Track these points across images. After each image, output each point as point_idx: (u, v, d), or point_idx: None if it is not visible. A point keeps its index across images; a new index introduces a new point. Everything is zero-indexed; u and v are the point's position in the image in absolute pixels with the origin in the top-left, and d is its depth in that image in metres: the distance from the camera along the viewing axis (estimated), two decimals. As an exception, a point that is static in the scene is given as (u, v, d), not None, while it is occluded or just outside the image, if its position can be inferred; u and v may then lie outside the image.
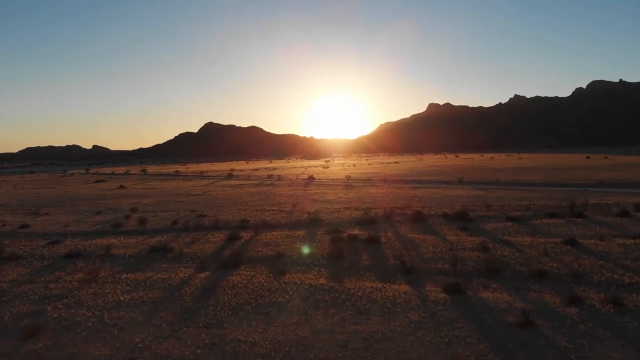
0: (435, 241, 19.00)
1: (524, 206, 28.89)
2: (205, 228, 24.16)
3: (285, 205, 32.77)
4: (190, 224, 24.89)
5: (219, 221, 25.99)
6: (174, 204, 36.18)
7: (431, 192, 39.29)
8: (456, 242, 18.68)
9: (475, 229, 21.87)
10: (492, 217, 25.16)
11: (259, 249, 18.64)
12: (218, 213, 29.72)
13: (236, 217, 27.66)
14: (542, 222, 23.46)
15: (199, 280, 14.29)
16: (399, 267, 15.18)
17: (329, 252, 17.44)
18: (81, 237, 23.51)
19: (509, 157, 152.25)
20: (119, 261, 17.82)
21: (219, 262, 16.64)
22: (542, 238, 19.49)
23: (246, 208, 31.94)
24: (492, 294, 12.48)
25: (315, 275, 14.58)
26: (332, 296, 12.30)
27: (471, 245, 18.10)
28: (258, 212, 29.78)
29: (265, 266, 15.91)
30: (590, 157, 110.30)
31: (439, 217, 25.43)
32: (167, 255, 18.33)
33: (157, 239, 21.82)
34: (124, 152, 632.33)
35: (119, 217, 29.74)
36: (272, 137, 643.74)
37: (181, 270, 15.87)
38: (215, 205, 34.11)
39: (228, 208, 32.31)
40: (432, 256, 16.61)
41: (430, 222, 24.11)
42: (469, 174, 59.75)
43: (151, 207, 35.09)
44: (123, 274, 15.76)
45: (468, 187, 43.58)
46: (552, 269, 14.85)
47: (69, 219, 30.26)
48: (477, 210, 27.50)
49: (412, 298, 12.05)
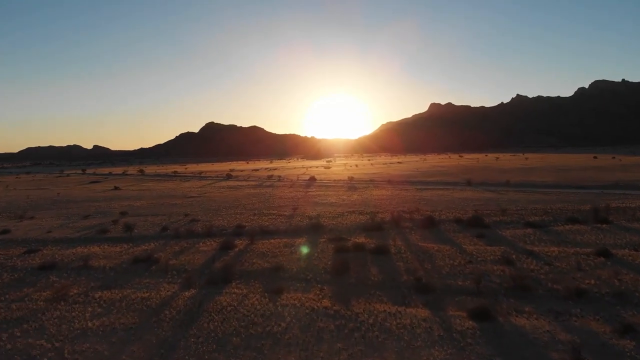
0: (451, 252, 16.99)
1: (541, 210, 26.89)
2: (197, 235, 22.18)
3: (285, 209, 30.80)
4: (181, 230, 22.92)
5: (212, 227, 24.01)
6: (167, 207, 34.23)
7: (439, 194, 37.27)
8: (475, 253, 16.68)
9: (493, 237, 19.87)
10: (510, 223, 23.15)
11: (254, 260, 16.66)
12: (213, 217, 27.75)
13: (232, 222, 25.69)
14: (564, 229, 21.46)
15: (183, 301, 12.32)
16: (413, 284, 13.19)
17: (333, 264, 15.46)
18: (62, 245, 21.56)
19: (514, 157, 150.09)
20: (96, 274, 15.87)
21: (208, 276, 14.68)
22: (570, 248, 17.49)
23: (243, 212, 29.97)
24: (527, 321, 10.48)
25: (317, 294, 12.60)
26: (337, 324, 10.30)
27: (492, 257, 16.09)
28: (255, 216, 27.82)
29: (260, 282, 13.94)
30: (597, 158, 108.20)
31: (451, 222, 23.43)
32: (151, 267, 16.36)
33: (143, 248, 19.85)
34: (124, 152, 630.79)
35: (107, 221, 27.79)
36: (273, 137, 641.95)
37: (164, 287, 13.89)
38: (211, 209, 32.14)
39: (224, 212, 30.34)
40: (450, 270, 14.61)
41: (443, 228, 22.10)
42: (476, 175, 57.69)
43: (143, 210, 33.14)
44: (98, 291, 13.80)
45: (477, 189, 41.57)
46: (590, 286, 12.87)
47: (54, 224, 28.32)
48: (491, 214, 25.49)
49: (433, 327, 10.05)
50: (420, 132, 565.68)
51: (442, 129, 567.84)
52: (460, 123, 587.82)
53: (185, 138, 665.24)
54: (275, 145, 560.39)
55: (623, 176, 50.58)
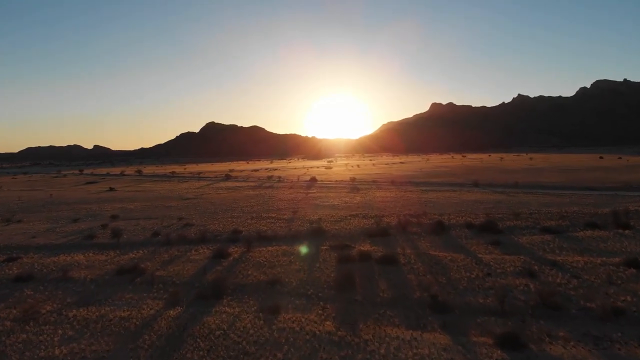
0: (466, 262, 15.46)
1: (556, 214, 25.34)
2: (189, 241, 20.67)
3: (285, 212, 29.29)
4: (173, 236, 21.40)
5: (207, 232, 22.51)
6: (161, 210, 32.73)
7: (446, 196, 35.72)
8: (493, 264, 15.15)
9: (509, 244, 18.34)
10: (525, 228, 21.61)
11: (249, 271, 15.14)
12: (208, 221, 26.23)
13: (227, 226, 24.17)
14: (585, 235, 19.92)
15: (166, 322, 10.81)
16: (428, 302, 11.67)
17: (336, 277, 13.95)
18: (45, 252, 20.08)
19: (519, 157, 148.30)
20: (75, 288, 14.38)
21: (197, 291, 13.18)
22: (596, 257, 15.96)
23: (240, 215, 28.45)
24: (564, 349, 8.98)
25: (319, 315, 11.09)
26: (343, 355, 8.79)
27: (512, 268, 14.57)
28: (253, 220, 26.30)
29: (255, 298, 12.43)
30: (603, 158, 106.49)
31: (462, 227, 21.89)
32: (136, 279, 14.86)
33: (130, 256, 18.36)
34: (125, 152, 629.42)
35: (96, 226, 26.29)
36: (274, 137, 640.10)
37: (147, 304, 12.39)
38: (207, 212, 30.63)
39: (220, 215, 28.83)
40: (468, 285, 13.08)
41: (454, 234, 20.57)
42: (482, 176, 56.09)
43: (136, 213, 31.64)
44: (73, 308, 12.31)
45: (485, 190, 40.00)
46: (627, 304, 11.38)
47: (40, 228, 26.85)
48: (504, 219, 23.94)
49: (456, 359, 8.54)
50: (421, 132, 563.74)
51: (443, 129, 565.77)
52: (462, 123, 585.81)
53: (186, 138, 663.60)
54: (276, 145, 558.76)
55: (633, 177, 49.00)
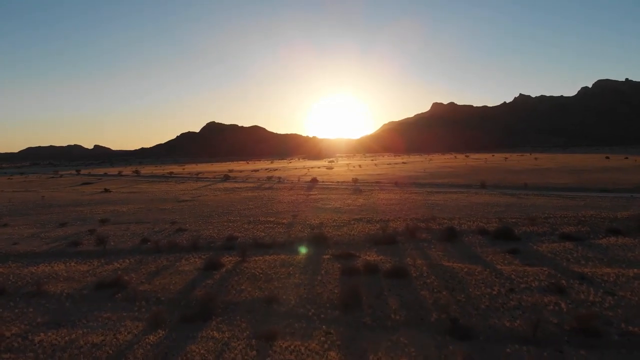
0: (484, 275, 13.89)
1: (573, 219, 23.77)
2: (180, 249, 19.13)
3: (284, 216, 27.74)
4: (163, 243, 19.85)
5: (200, 238, 20.97)
6: (155, 213, 31.20)
7: (453, 198, 34.13)
8: (514, 277, 13.58)
9: (528, 253, 16.77)
10: (543, 235, 20.04)
11: (243, 285, 13.58)
12: (202, 226, 24.68)
13: (222, 232, 22.61)
14: (609, 243, 18.35)
15: (144, 351, 9.26)
16: (447, 326, 10.10)
17: (341, 293, 12.40)
18: (24, 261, 18.55)
19: (523, 157, 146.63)
20: (49, 304, 12.85)
21: (183, 310, 11.65)
22: (626, 269, 14.39)
23: (237, 219, 26.90)
24: (617, 391, 7.40)
25: (321, 342, 9.52)
26: (351, 399, 7.22)
27: (538, 283, 13.00)
28: (250, 224, 24.74)
29: (248, 321, 10.88)
30: (609, 158, 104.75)
31: (475, 233, 20.32)
32: (117, 294, 13.31)
33: (114, 266, 16.81)
34: (125, 152, 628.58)
35: (83, 231, 24.75)
36: (275, 137, 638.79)
37: (126, 326, 10.84)
38: (202, 215, 29.08)
39: (216, 219, 27.28)
40: (491, 303, 11.51)
41: (467, 241, 19.00)
42: (488, 177, 54.44)
43: (128, 216, 30.11)
44: (42, 331, 10.78)
45: (493, 192, 38.40)
46: (678, 329, 9.81)
47: (25, 233, 25.32)
48: (519, 223, 22.37)
49: (490, 406, 6.96)
50: (423, 132, 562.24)
51: (444, 129, 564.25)
52: (463, 123, 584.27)
53: (186, 138, 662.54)
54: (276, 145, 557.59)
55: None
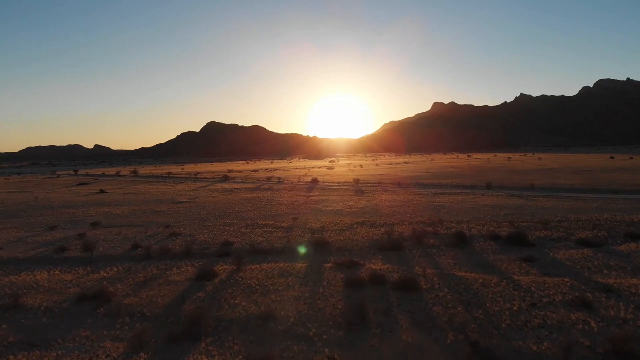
0: (501, 286, 12.68)
1: (588, 222, 22.55)
2: (172, 255, 17.95)
3: (284, 219, 26.54)
4: (155, 249, 18.68)
5: (194, 243, 19.80)
6: (149, 216, 30.01)
7: (459, 200, 32.89)
8: (534, 289, 12.36)
9: (546, 261, 15.56)
10: (558, 240, 18.83)
11: (238, 299, 12.38)
12: (197, 230, 23.49)
13: (218, 237, 21.42)
14: (629, 249, 17.15)
15: (120, 382, 8.06)
16: (467, 351, 8.90)
17: (345, 309, 11.20)
18: (6, 269, 17.40)
19: (526, 157, 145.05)
20: (25, 320, 11.69)
21: (170, 329, 10.46)
22: (656, 280, 13.18)
23: (235, 222, 25.70)
24: None
25: (324, 371, 8.32)
26: None
27: (561, 297, 11.78)
28: (248, 228, 23.54)
29: (241, 342, 9.68)
30: (614, 158, 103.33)
31: (486, 239, 19.11)
32: (99, 309, 12.13)
33: (100, 275, 15.62)
34: (125, 152, 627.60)
35: (73, 235, 23.57)
36: (276, 137, 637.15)
37: (105, 348, 9.67)
38: (198, 218, 27.89)
39: (212, 222, 26.08)
40: (512, 322, 10.29)
41: (478, 247, 17.79)
42: (493, 177, 53.15)
43: (121, 219, 28.93)
44: (12, 353, 9.65)
45: (500, 193, 37.14)
46: None
47: (12, 237, 24.17)
48: (531, 228, 21.15)
49: None
50: (424, 132, 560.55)
51: (445, 129, 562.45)
52: (464, 122, 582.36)
53: (187, 138, 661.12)
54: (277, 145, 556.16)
55: (656, 179, 46.16)
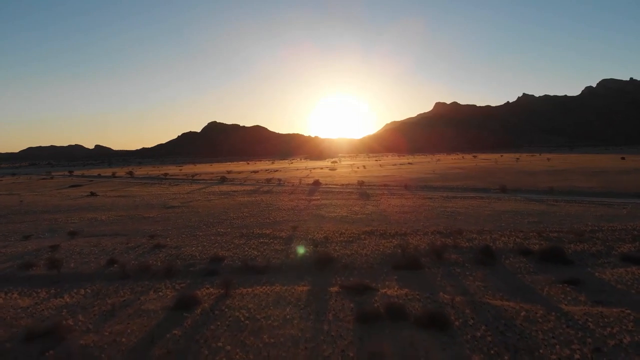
0: (551, 322, 10.09)
1: (624, 232, 19.99)
2: (151, 274, 15.41)
3: (283, 227, 23.99)
4: (132, 266, 16.15)
5: (178, 258, 17.28)
6: (135, 223, 27.49)
7: (474, 205, 30.29)
8: (592, 326, 9.80)
9: (592, 285, 12.99)
10: (598, 255, 16.26)
11: (221, 341, 9.81)
12: (185, 241, 20.94)
13: (207, 250, 18.87)
14: (687, 267, 14.56)
15: None
16: None
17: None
18: (-43, 289, 14.84)
19: (534, 157, 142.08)
20: (-51, 368, 9.14)
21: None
22: None
23: (228, 231, 23.15)
24: None
25: None
26: None
27: (630, 338, 9.23)
28: (242, 239, 20.98)
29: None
30: (625, 158, 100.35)
31: (515, 254, 16.53)
32: (48, 351, 9.60)
33: (63, 301, 13.09)
34: (126, 152, 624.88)
35: (47, 246, 21.03)
36: (277, 137, 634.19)
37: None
38: (188, 226, 25.35)
39: (203, 231, 23.54)
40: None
41: (508, 264, 15.22)
42: (504, 179, 50.45)
43: (104, 226, 26.41)
44: None
45: (517, 197, 34.51)
46: None
47: (-20, 248, 21.61)
48: (564, 239, 18.57)
49: None
50: (425, 132, 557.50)
51: (447, 129, 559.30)
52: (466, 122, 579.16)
53: (188, 138, 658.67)
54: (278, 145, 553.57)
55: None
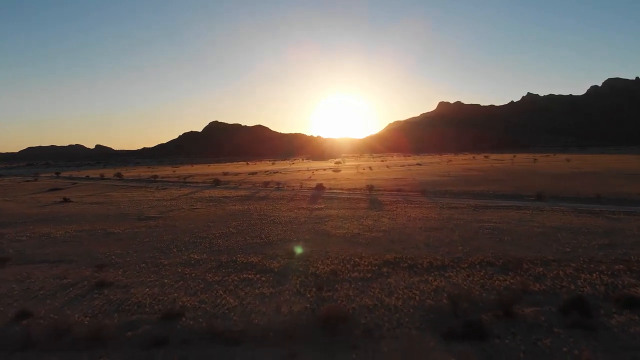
0: None
1: None
2: (68, 342, 9.83)
3: (276, 251, 18.39)
4: (46, 324, 10.56)
5: (119, 309, 11.70)
6: (93, 242, 21.91)
7: (515, 218, 24.58)
8: None
9: None
10: None
11: None
12: (140, 275, 15.32)
13: (166, 292, 13.24)
14: None
15: None
16: None
17: None
18: None
19: (549, 158, 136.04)
20: None
21: None
22: None
23: (203, 259, 17.51)
24: None
25: None
26: None
27: None
28: (218, 274, 15.34)
29: None
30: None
31: (616, 305, 10.84)
32: None
33: None
34: (127, 152, 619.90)
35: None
36: (279, 137, 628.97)
37: None
38: (154, 249, 19.72)
39: (170, 258, 17.89)
40: None
41: (616, 326, 9.54)
42: (536, 184, 44.48)
43: (52, 248, 20.84)
44: None
45: (561, 206, 28.77)
46: None
47: None
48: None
49: None
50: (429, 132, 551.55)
51: (451, 129, 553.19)
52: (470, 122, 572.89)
53: (189, 138, 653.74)
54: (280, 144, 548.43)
55: None
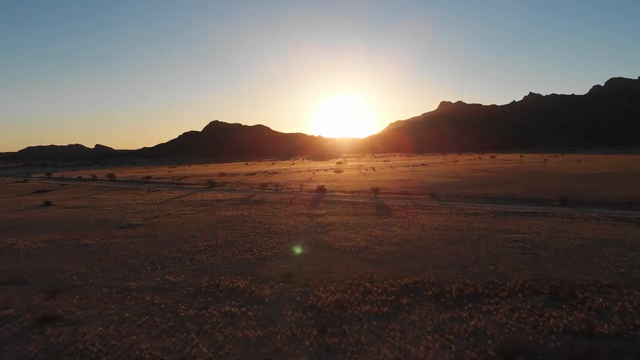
0: None
1: None
2: None
3: (268, 271, 15.29)
4: None
5: (51, 366, 8.60)
6: (58, 256, 18.84)
7: (545, 227, 21.42)
8: None
9: None
10: None
11: None
12: (98, 306, 12.24)
13: (122, 334, 10.14)
14: None
15: None
16: None
17: None
18: None
19: (558, 158, 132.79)
20: None
21: None
22: None
23: (179, 281, 14.42)
24: None
25: None
26: None
27: None
28: (194, 304, 12.26)
29: None
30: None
31: None
32: None
33: None
34: (126, 152, 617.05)
35: None
36: (279, 137, 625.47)
37: None
38: (125, 266, 16.61)
39: (141, 280, 14.78)
40: None
41: None
42: (553, 187, 41.34)
43: (10, 263, 17.85)
44: None
45: (592, 213, 25.64)
46: None
47: None
48: None
49: None
50: (430, 132, 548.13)
51: (452, 128, 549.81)
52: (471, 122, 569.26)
53: (189, 137, 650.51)
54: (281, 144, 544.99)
55: None
